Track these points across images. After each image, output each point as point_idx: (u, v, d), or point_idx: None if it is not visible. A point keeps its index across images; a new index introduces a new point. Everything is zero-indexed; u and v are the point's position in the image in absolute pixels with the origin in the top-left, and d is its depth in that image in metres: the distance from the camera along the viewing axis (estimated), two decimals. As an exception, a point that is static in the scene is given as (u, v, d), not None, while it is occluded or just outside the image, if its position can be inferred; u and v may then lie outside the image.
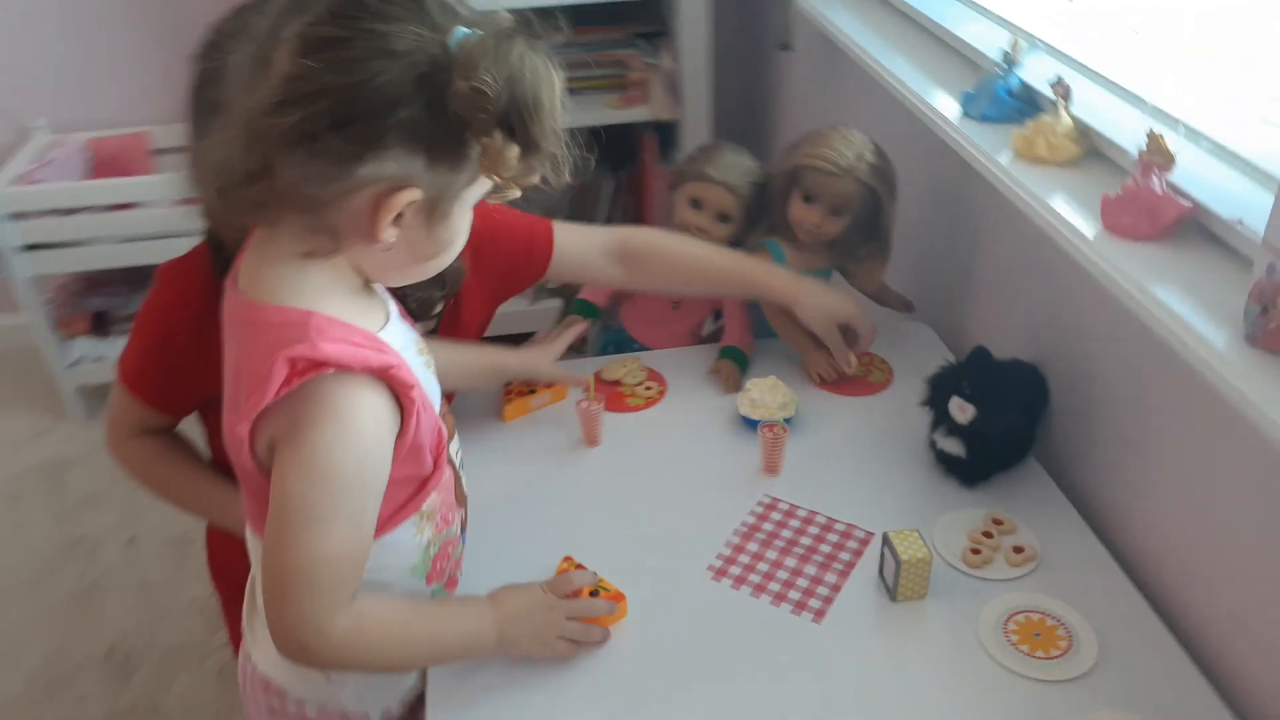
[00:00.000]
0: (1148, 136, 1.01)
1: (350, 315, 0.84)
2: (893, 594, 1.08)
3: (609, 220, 2.66)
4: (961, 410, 1.17)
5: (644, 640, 1.04)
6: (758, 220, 1.46)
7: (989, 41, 1.42)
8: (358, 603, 0.85)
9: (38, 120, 2.62)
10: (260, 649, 1.01)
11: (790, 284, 1.35)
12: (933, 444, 1.23)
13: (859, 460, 1.28)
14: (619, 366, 1.42)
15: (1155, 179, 1.01)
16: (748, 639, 1.05)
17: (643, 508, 1.22)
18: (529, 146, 0.78)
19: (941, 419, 1.21)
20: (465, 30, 0.76)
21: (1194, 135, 1.06)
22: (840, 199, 1.36)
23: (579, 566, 1.10)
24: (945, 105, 1.36)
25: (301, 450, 0.79)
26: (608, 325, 1.59)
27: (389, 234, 0.80)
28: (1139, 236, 1.01)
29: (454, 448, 1.02)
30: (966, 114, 1.32)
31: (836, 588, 1.10)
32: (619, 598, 1.05)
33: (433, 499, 0.94)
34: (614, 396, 1.38)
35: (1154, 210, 1.00)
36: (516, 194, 0.83)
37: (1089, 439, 1.22)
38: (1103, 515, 1.19)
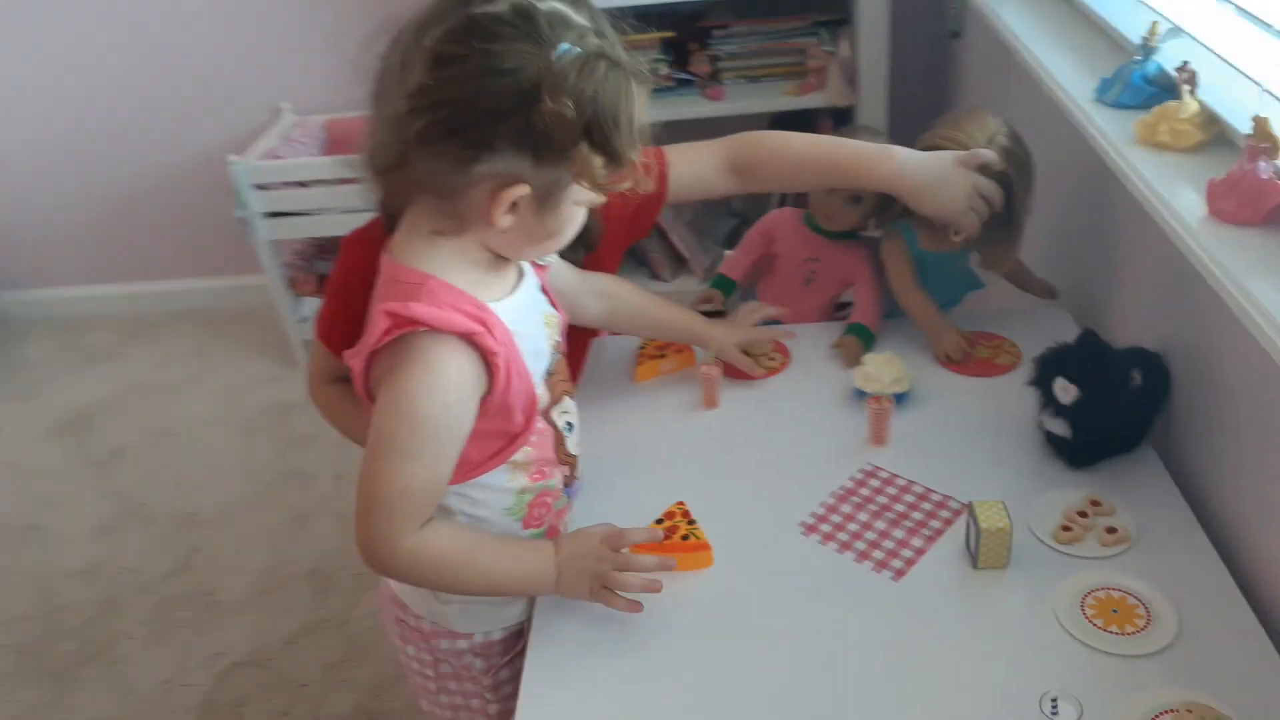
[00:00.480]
0: (1254, 121, 1.00)
1: (468, 285, 0.97)
2: (974, 561, 1.12)
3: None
4: (1065, 391, 1.19)
5: (729, 585, 1.14)
6: (891, 202, 1.51)
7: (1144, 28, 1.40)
8: (426, 529, 0.98)
9: (284, 103, 2.97)
10: None
11: (896, 176, 1.32)
12: (1040, 424, 1.25)
13: (969, 437, 1.32)
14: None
15: (1262, 164, 1.00)
16: (825, 591, 1.12)
17: (749, 467, 1.31)
18: (612, 157, 0.90)
19: (1048, 400, 1.23)
20: (566, 47, 0.86)
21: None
22: (970, 182, 1.38)
23: (686, 513, 1.21)
24: (1081, 91, 1.36)
25: (394, 392, 0.94)
26: (744, 301, 1.68)
27: (504, 221, 0.92)
28: (1242, 221, 1.01)
29: (561, 409, 1.13)
30: (1101, 100, 1.32)
31: (921, 551, 1.16)
32: (704, 546, 1.15)
33: (525, 452, 1.06)
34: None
35: (1258, 195, 0.99)
36: (602, 199, 0.96)
37: (1207, 431, 1.20)
38: (1213, 508, 1.18)
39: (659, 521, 1.19)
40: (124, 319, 3.21)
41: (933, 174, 1.32)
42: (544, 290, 1.14)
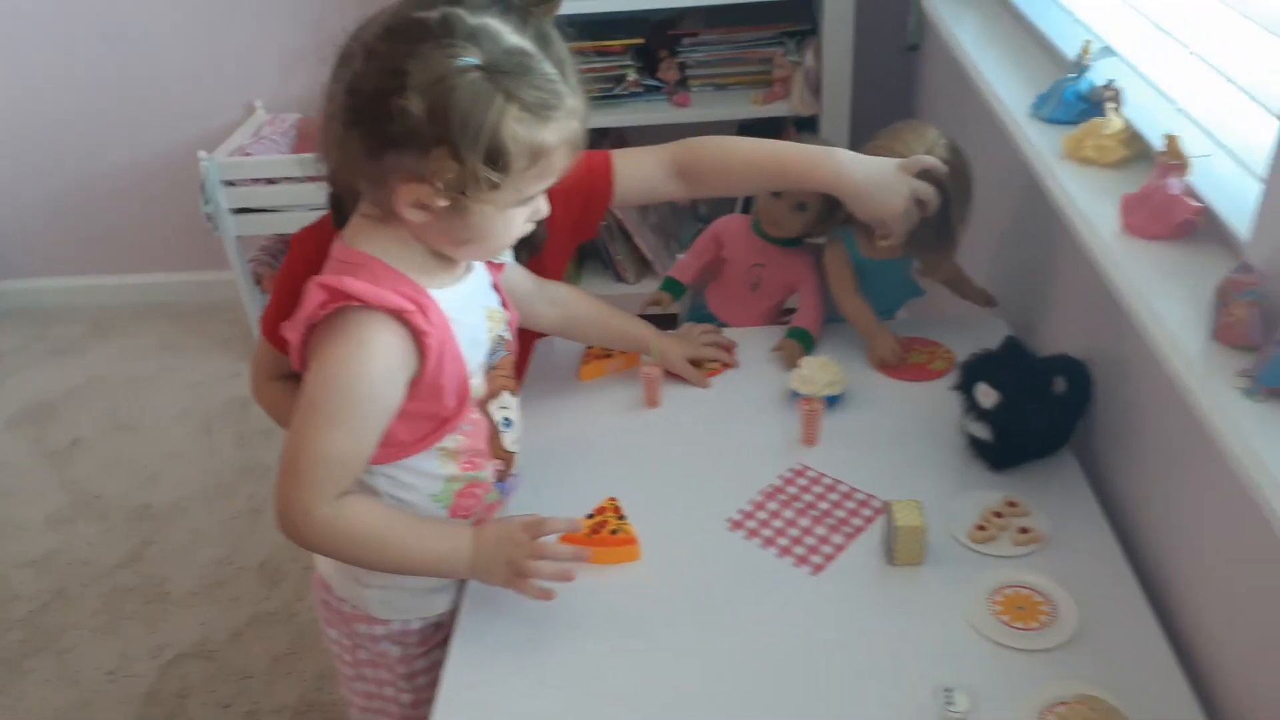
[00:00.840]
0: (1165, 139, 1.03)
1: (410, 269, 1.00)
2: (891, 558, 1.15)
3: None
4: (986, 395, 1.22)
5: (654, 579, 1.16)
6: (835, 209, 1.54)
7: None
8: (344, 500, 1.01)
9: (257, 100, 2.99)
10: None
11: (839, 176, 1.34)
12: (963, 428, 1.28)
13: (897, 439, 1.35)
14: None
15: (1172, 180, 1.03)
16: (746, 585, 1.15)
17: (683, 464, 1.33)
18: (467, 169, 0.90)
19: (971, 404, 1.26)
20: (465, 60, 0.88)
21: (1214, 139, 1.07)
22: (908, 192, 1.42)
23: (616, 508, 1.23)
24: (1020, 105, 1.39)
25: (323, 361, 0.97)
26: (693, 304, 1.71)
27: (411, 215, 0.95)
28: (1152, 235, 1.04)
29: (499, 404, 1.14)
30: (1037, 114, 1.36)
31: (841, 548, 1.18)
32: (631, 540, 1.18)
33: (457, 439, 1.08)
34: (681, 365, 1.49)
35: (1167, 210, 1.03)
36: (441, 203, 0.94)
37: (1121, 438, 1.24)
38: (1123, 511, 1.21)
39: (590, 516, 1.22)
40: (90, 311, 3.21)
41: (873, 175, 1.35)
42: (495, 288, 1.17)
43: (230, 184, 2.71)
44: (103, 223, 3.17)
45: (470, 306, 1.09)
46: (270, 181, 2.71)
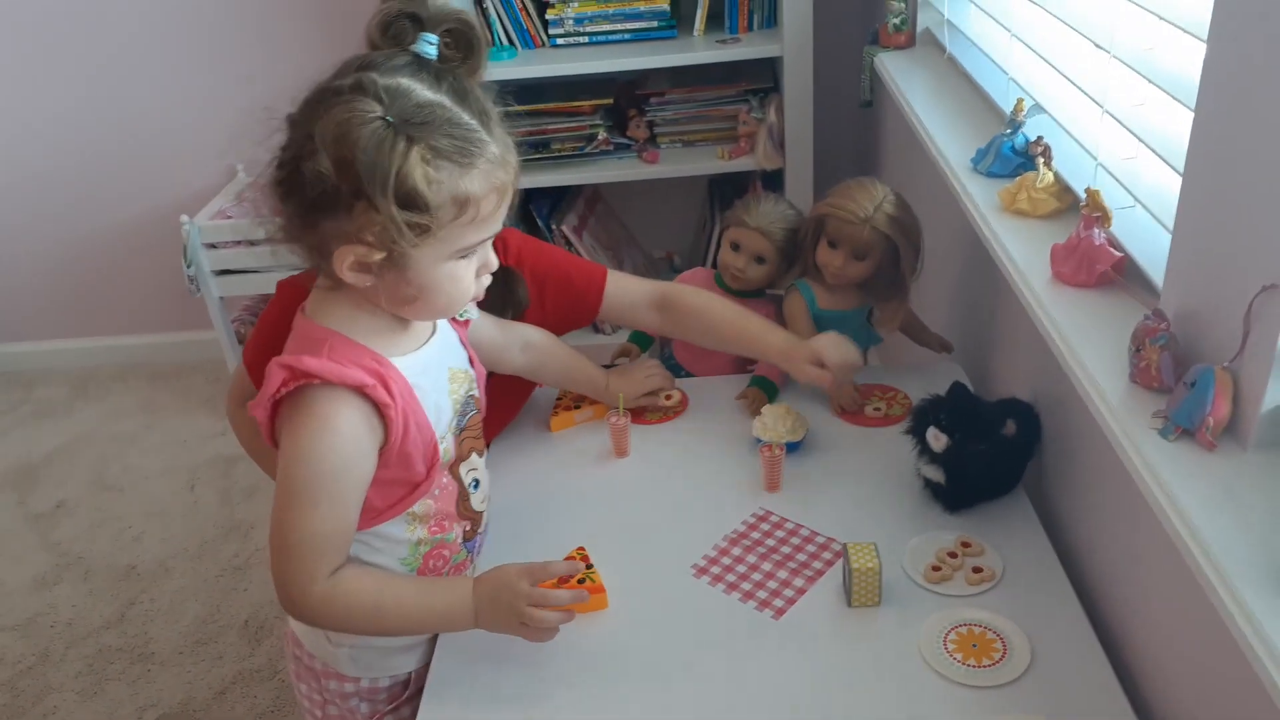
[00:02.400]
0: (1087, 192, 1.10)
1: (369, 339, 1.03)
2: (849, 600, 1.19)
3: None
4: (936, 439, 1.27)
5: (622, 627, 1.20)
6: (793, 263, 1.60)
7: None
8: (338, 574, 1.03)
9: (239, 163, 3.05)
10: None
11: (784, 345, 1.44)
12: (918, 471, 1.33)
13: (856, 484, 1.39)
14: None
15: (1096, 231, 1.10)
16: (710, 630, 1.19)
17: (650, 512, 1.38)
18: (387, 218, 0.91)
19: (924, 448, 1.31)
20: (370, 112, 0.90)
21: (1131, 193, 1.14)
22: (860, 245, 1.48)
23: (585, 557, 1.27)
24: (961, 160, 1.46)
25: (292, 442, 1.00)
26: (661, 355, 1.76)
27: (354, 278, 0.97)
28: (1078, 284, 1.10)
29: (469, 465, 1.18)
30: (977, 168, 1.43)
31: (802, 591, 1.23)
32: (599, 590, 1.22)
33: (425, 504, 1.11)
34: (637, 411, 1.54)
35: (1091, 260, 1.09)
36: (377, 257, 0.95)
37: (1069, 477, 1.29)
38: (1073, 548, 1.26)
39: (559, 566, 1.26)
40: (74, 373, 3.25)
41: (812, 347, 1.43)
42: (464, 344, 1.20)
43: (212, 246, 2.76)
44: (86, 285, 3.22)
45: (434, 370, 1.12)
46: (251, 243, 2.77)
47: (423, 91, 0.95)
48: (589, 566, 1.26)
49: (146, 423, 2.99)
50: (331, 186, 0.91)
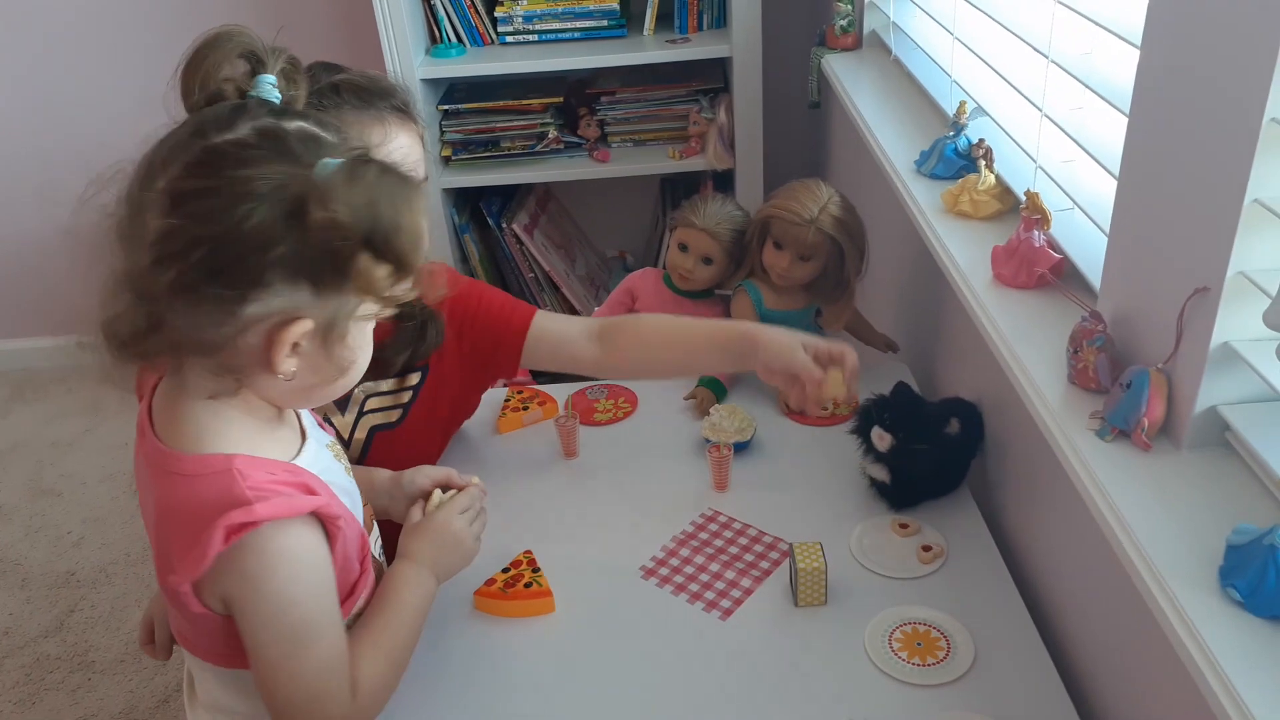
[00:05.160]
0: (1026, 195, 1.11)
1: (266, 449, 0.88)
2: (795, 599, 1.20)
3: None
4: (880, 439, 1.28)
5: (568, 630, 1.19)
6: (740, 263, 1.61)
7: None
8: (354, 682, 0.93)
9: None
10: None
11: (750, 329, 1.29)
12: (863, 470, 1.34)
13: (803, 482, 1.40)
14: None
15: (1035, 233, 1.11)
16: (657, 632, 1.18)
17: (599, 514, 1.37)
18: (397, 264, 0.81)
19: (869, 447, 1.32)
20: (331, 162, 0.78)
21: (1070, 196, 1.16)
22: (805, 247, 1.49)
23: (532, 560, 1.27)
24: (905, 161, 1.48)
25: (266, 598, 0.86)
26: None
27: (288, 365, 0.82)
28: (1018, 285, 1.12)
29: (374, 537, 1.08)
30: (920, 170, 1.44)
31: (749, 591, 1.23)
32: (546, 593, 1.21)
33: (361, 602, 1.00)
34: (586, 412, 1.54)
35: (1030, 262, 1.10)
36: (389, 312, 0.86)
37: (1010, 474, 1.31)
38: (1015, 546, 1.28)
39: (505, 570, 1.25)
40: (13, 375, 3.17)
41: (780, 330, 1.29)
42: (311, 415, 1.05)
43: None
44: (26, 286, 3.14)
45: (322, 455, 0.98)
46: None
47: (327, 134, 0.83)
48: (535, 570, 1.25)
49: (88, 425, 2.92)
50: (334, 240, 0.78)
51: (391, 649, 0.98)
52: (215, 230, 0.76)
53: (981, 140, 1.30)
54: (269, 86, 0.84)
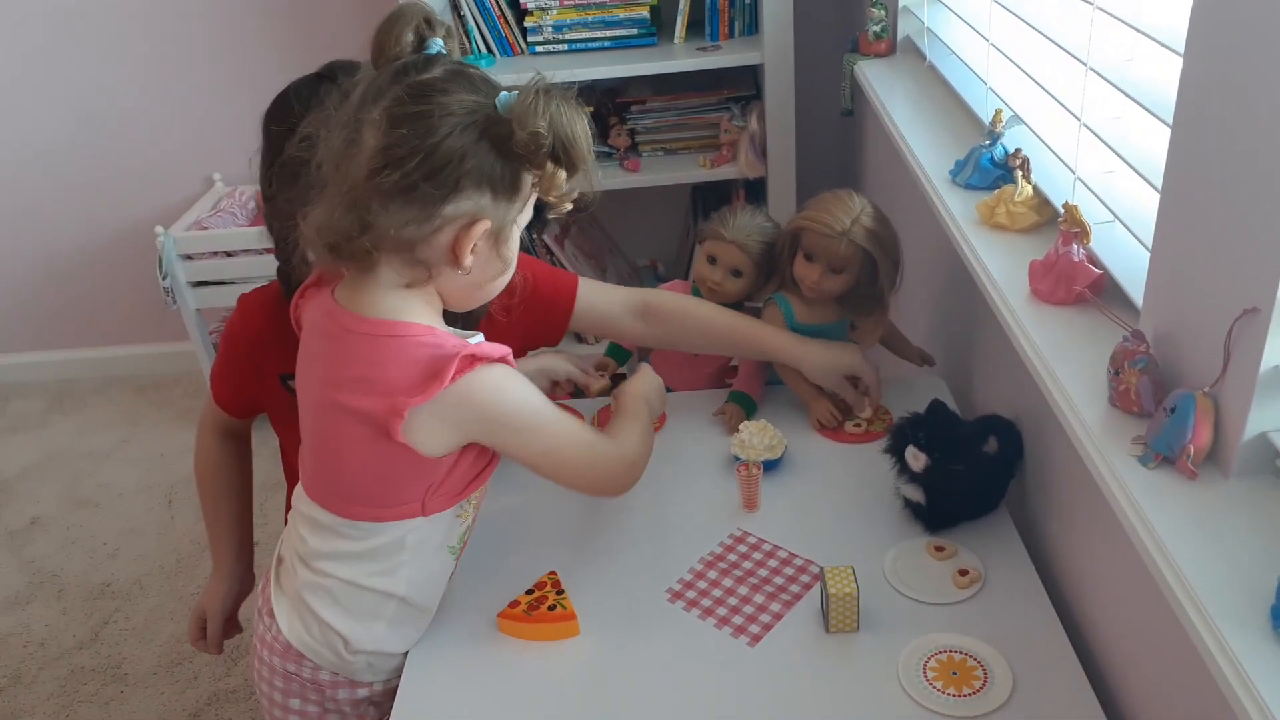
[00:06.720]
0: (1065, 208, 1.07)
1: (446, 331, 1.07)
2: (826, 625, 1.16)
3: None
4: (915, 459, 1.24)
5: (593, 654, 1.17)
6: (770, 276, 1.58)
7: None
8: (609, 439, 1.18)
9: (216, 174, 3.02)
10: (287, 618, 1.18)
11: (793, 345, 1.46)
12: (898, 490, 1.30)
13: (836, 502, 1.37)
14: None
15: (1074, 248, 1.07)
16: (683, 658, 1.16)
17: (625, 534, 1.35)
18: (571, 169, 1.00)
19: (904, 467, 1.28)
20: (506, 94, 0.99)
21: (1110, 209, 1.11)
22: (837, 259, 1.45)
23: (557, 582, 1.24)
24: (939, 171, 1.44)
25: (507, 414, 1.07)
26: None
27: (469, 260, 1.01)
28: (1057, 301, 1.08)
29: None
30: (955, 180, 1.40)
31: (779, 616, 1.20)
32: (570, 616, 1.19)
33: (482, 488, 1.16)
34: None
35: (1069, 277, 1.06)
36: (568, 208, 1.05)
37: (1051, 496, 1.26)
38: (1055, 570, 1.23)
39: (529, 592, 1.23)
40: (51, 386, 3.21)
41: (815, 351, 1.48)
42: None
43: (188, 258, 2.73)
44: (62, 297, 3.18)
45: None
46: (229, 254, 2.73)
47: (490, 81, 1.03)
48: (559, 592, 1.23)
49: (123, 436, 2.94)
50: (534, 152, 0.96)
51: (645, 431, 1.23)
52: (430, 141, 0.95)
53: (1018, 150, 1.26)
54: (439, 45, 1.04)
